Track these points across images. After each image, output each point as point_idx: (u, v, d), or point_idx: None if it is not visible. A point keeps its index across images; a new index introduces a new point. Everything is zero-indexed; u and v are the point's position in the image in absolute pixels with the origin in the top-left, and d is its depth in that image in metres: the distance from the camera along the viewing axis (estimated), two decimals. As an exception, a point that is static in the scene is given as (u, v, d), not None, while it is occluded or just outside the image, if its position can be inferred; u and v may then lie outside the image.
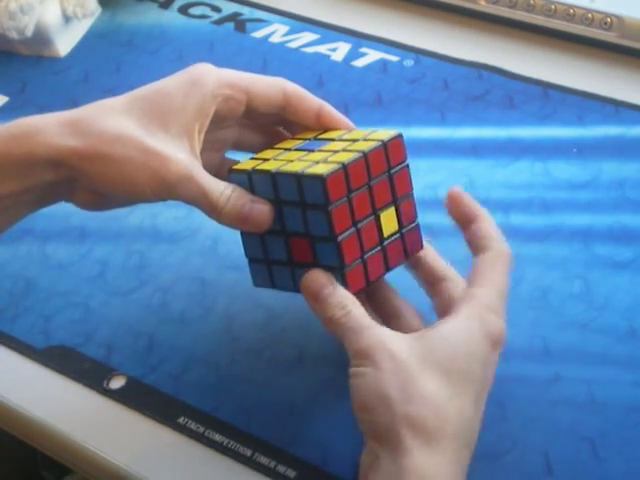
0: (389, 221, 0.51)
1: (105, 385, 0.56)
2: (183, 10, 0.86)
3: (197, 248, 0.63)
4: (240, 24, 0.84)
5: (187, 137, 0.51)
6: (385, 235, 0.51)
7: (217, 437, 0.53)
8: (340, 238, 0.49)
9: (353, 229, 0.50)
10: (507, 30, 0.80)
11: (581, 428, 0.52)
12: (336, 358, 0.47)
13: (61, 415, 0.55)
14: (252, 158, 0.53)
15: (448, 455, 0.45)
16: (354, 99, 0.74)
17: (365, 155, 0.50)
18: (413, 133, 0.70)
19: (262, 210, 0.50)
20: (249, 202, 0.50)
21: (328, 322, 0.49)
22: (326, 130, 0.55)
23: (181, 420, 0.54)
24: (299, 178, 0.49)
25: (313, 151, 0.52)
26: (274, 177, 0.50)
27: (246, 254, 0.54)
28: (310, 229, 0.50)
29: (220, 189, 0.50)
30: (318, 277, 0.49)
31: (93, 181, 0.50)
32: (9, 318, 0.60)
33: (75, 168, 0.50)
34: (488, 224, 0.52)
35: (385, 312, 0.54)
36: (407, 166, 0.52)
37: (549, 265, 0.61)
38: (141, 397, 0.55)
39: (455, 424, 0.45)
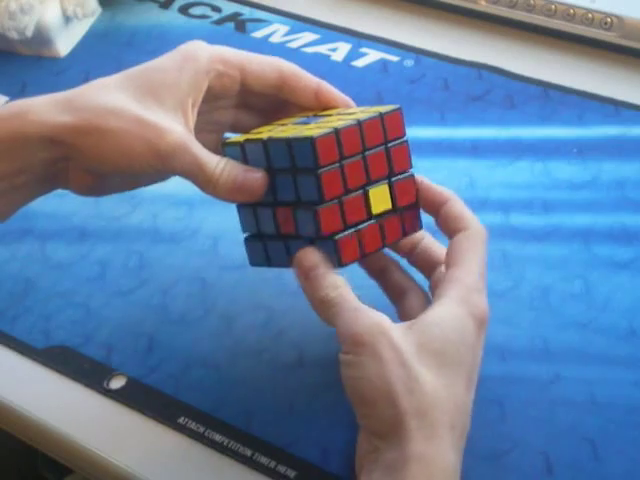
0: (383, 197, 0.50)
1: (105, 385, 0.56)
2: (183, 10, 0.86)
3: (197, 248, 0.63)
4: (240, 24, 0.84)
5: (181, 111, 0.51)
6: (380, 210, 0.50)
7: (217, 437, 0.53)
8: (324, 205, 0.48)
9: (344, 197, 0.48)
10: (507, 30, 0.80)
11: (581, 428, 0.52)
12: (336, 358, 0.47)
13: (61, 415, 0.55)
14: (247, 133, 0.53)
15: (448, 444, 0.45)
16: (354, 99, 0.73)
17: (359, 123, 0.49)
18: (413, 133, 0.70)
19: (256, 178, 0.50)
20: (242, 172, 0.50)
21: (319, 303, 0.48)
22: (325, 109, 0.54)
23: (181, 420, 0.54)
24: (289, 142, 0.48)
25: (309, 124, 0.51)
26: (266, 144, 0.50)
27: (243, 230, 0.53)
28: (301, 196, 0.49)
29: (215, 161, 0.50)
30: (312, 254, 0.49)
31: (88, 157, 0.50)
32: (9, 318, 0.60)
33: (69, 145, 0.49)
34: (460, 205, 0.51)
35: (392, 290, 0.53)
36: (406, 142, 0.50)
37: (549, 265, 0.61)
38: (141, 397, 0.55)
39: (451, 413, 0.45)
